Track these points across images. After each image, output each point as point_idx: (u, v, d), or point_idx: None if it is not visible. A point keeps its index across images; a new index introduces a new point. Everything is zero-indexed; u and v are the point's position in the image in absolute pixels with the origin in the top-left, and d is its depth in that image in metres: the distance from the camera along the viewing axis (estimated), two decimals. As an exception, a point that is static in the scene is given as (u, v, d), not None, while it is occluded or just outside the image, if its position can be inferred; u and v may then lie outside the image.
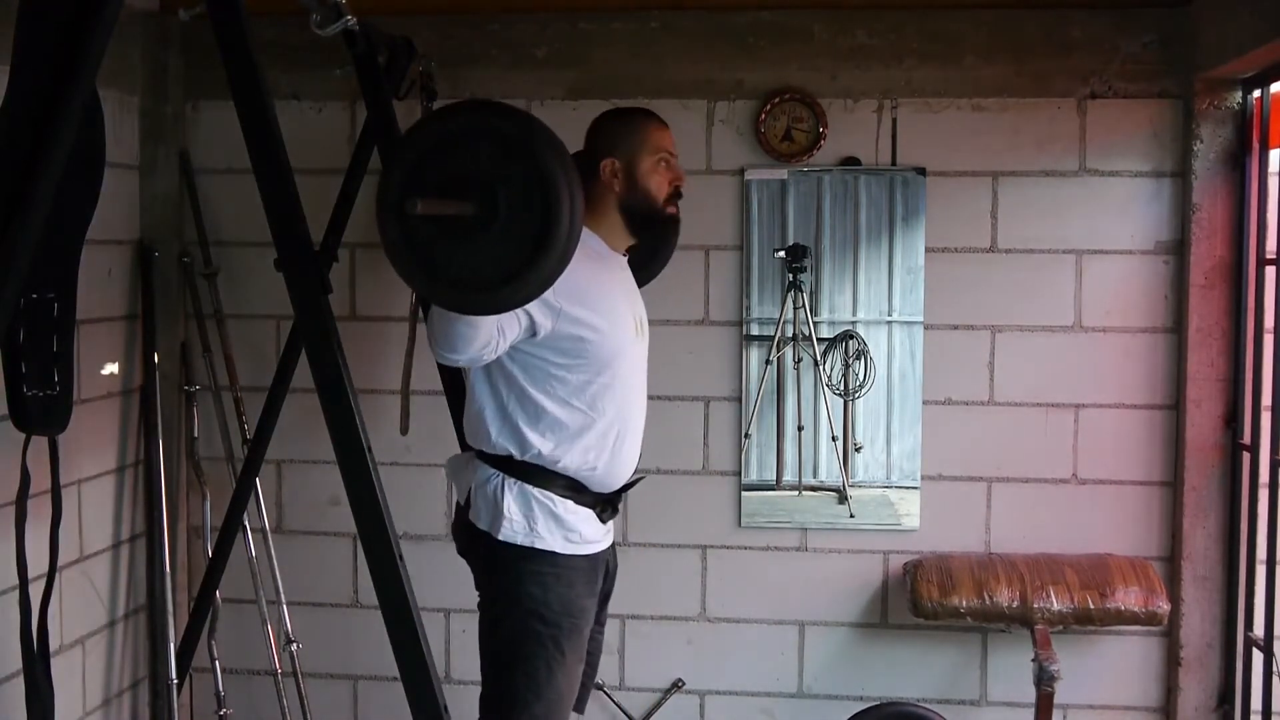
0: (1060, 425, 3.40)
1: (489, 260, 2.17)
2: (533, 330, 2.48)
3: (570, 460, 2.57)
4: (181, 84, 3.54)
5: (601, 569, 2.72)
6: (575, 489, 2.59)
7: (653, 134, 2.68)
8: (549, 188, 2.15)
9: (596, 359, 2.55)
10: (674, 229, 2.87)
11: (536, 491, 2.56)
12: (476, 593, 2.66)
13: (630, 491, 3.30)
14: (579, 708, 2.83)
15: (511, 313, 2.39)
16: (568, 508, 2.58)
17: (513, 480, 2.56)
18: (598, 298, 2.53)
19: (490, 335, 2.42)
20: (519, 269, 2.17)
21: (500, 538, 2.54)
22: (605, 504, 2.66)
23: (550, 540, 2.55)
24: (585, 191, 2.29)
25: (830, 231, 3.43)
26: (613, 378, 2.59)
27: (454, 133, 2.21)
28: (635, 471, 2.75)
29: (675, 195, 2.70)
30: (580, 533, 2.60)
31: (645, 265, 2.92)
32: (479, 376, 2.60)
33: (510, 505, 2.54)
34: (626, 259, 2.75)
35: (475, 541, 2.61)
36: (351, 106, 3.51)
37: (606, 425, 2.59)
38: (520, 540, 2.54)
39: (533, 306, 2.39)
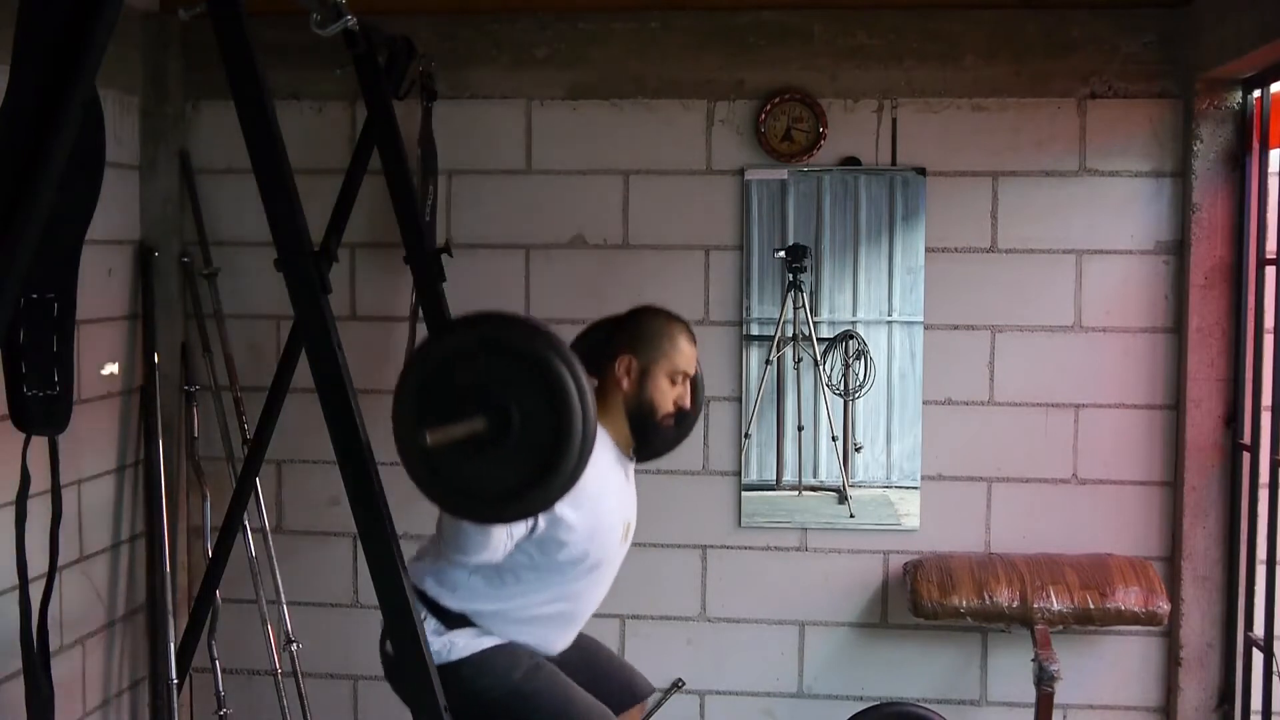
0: (1060, 425, 3.40)
1: (505, 473, 2.11)
2: (532, 529, 2.49)
3: (514, 632, 2.58)
4: (181, 84, 3.54)
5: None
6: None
7: (680, 349, 2.64)
8: (561, 399, 2.08)
9: (577, 561, 2.56)
10: (671, 439, 2.81)
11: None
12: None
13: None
14: (638, 692, 2.85)
15: None
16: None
17: (429, 612, 2.56)
18: (594, 503, 2.51)
19: (504, 541, 2.44)
20: (535, 480, 2.11)
21: None
22: None
23: (472, 645, 2.57)
24: (605, 386, 2.31)
25: (830, 231, 3.43)
26: (587, 578, 2.61)
27: (461, 349, 2.16)
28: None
29: (674, 414, 2.66)
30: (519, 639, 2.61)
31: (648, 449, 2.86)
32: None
33: (429, 635, 2.47)
34: (633, 461, 2.73)
35: (403, 678, 2.60)
36: (351, 106, 3.51)
37: (563, 612, 2.62)
38: (444, 658, 2.53)
39: None
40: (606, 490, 2.57)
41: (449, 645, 2.55)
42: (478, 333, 2.17)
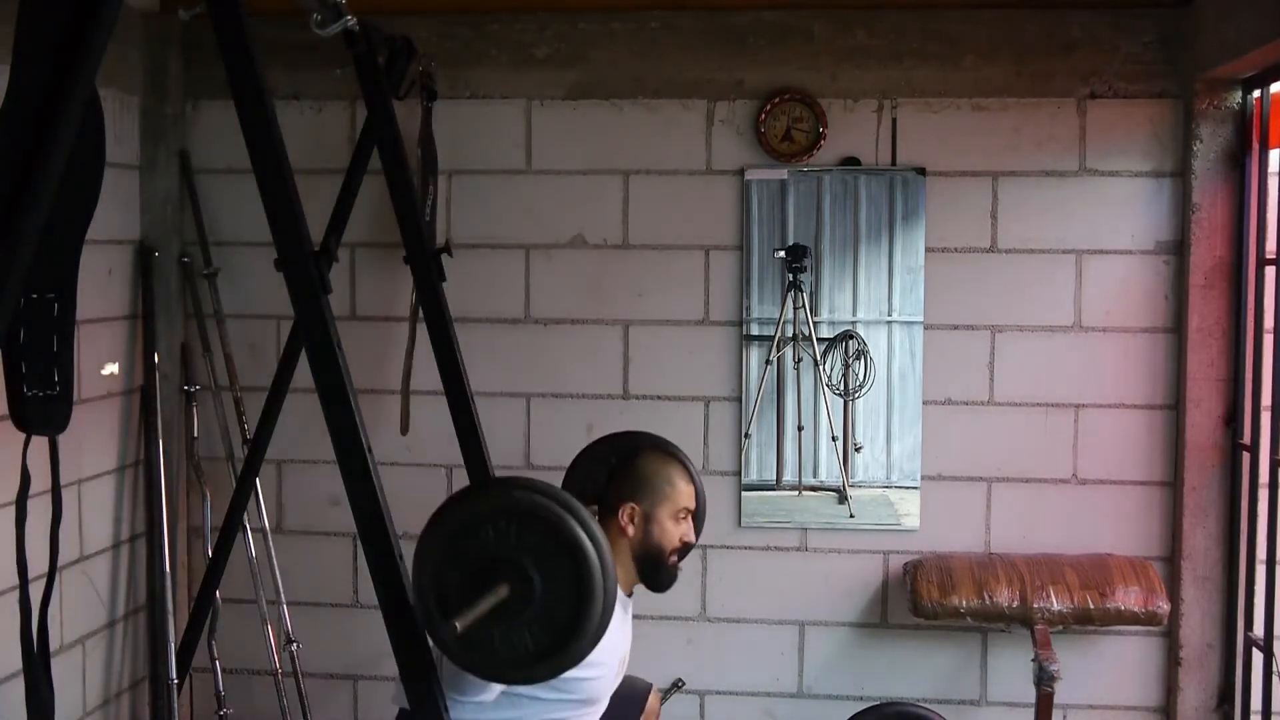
0: (1060, 425, 3.40)
1: (521, 639, 2.08)
2: None
3: None
4: (181, 84, 3.54)
5: None
6: None
7: (680, 490, 2.67)
8: (580, 559, 2.06)
9: (573, 697, 2.57)
10: (675, 575, 2.80)
11: None
12: None
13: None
14: (638, 696, 2.89)
15: None
16: None
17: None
18: (597, 649, 2.50)
19: (498, 691, 2.46)
20: (558, 644, 2.09)
21: None
22: None
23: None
24: (610, 536, 2.30)
25: (830, 231, 3.43)
26: (579, 709, 2.62)
27: (473, 519, 2.12)
28: None
29: (683, 551, 2.69)
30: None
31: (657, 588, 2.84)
32: None
33: None
34: (631, 599, 2.75)
35: None
36: (351, 106, 3.51)
37: None
38: None
39: None
40: (607, 633, 2.57)
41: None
42: (495, 499, 2.15)
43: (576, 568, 2.05)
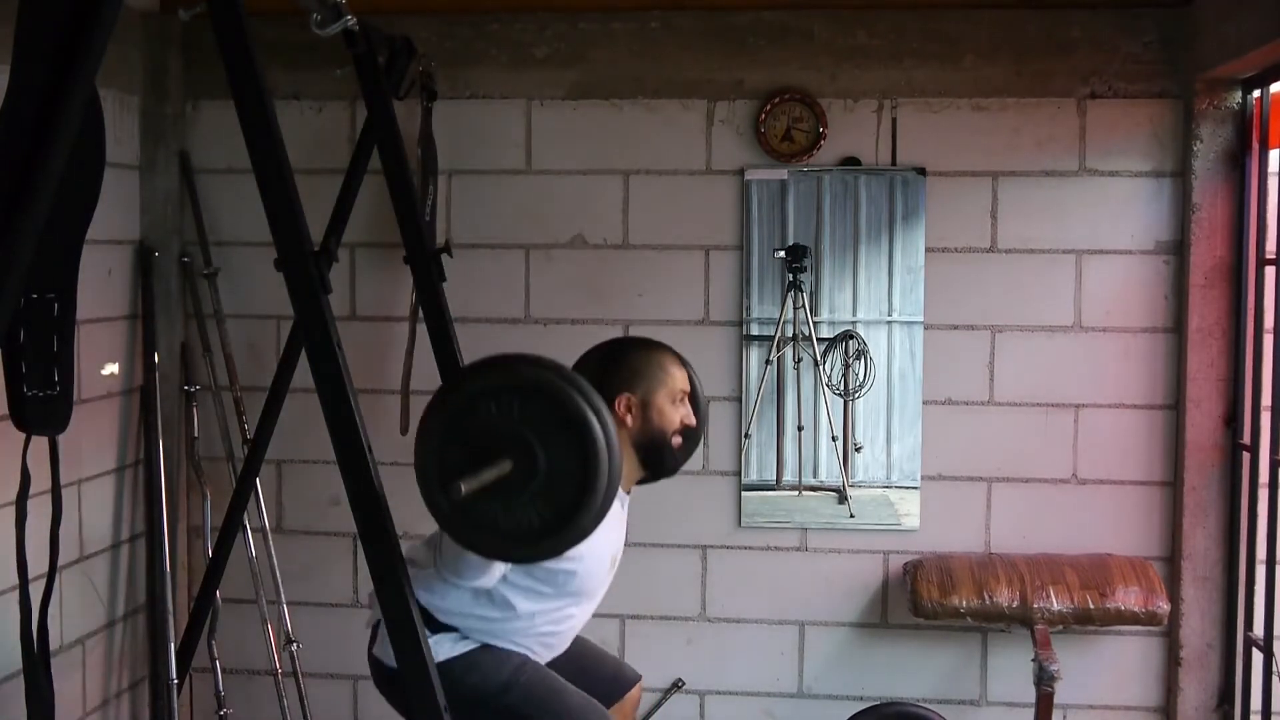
0: (1060, 425, 3.40)
1: (529, 514, 2.09)
2: None
3: (497, 631, 2.60)
4: (181, 84, 3.54)
5: None
6: None
7: (672, 372, 2.67)
8: (589, 441, 2.07)
9: (564, 590, 2.59)
10: (683, 458, 2.81)
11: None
12: None
13: (631, 491, 3.30)
14: (626, 681, 2.89)
15: None
16: None
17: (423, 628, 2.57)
18: (589, 539, 2.50)
19: (499, 569, 2.48)
20: (560, 522, 2.10)
21: None
22: None
23: (461, 646, 2.59)
24: None
25: (830, 231, 3.43)
26: (571, 605, 2.64)
27: (480, 393, 2.13)
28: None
29: (681, 432, 2.68)
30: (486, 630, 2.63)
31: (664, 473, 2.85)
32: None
33: None
34: (629, 495, 2.75)
35: (392, 681, 2.61)
36: (351, 106, 3.51)
37: (543, 634, 2.64)
38: (438, 658, 2.52)
39: None
40: (602, 525, 2.57)
41: (435, 646, 2.55)
42: (512, 374, 2.15)
43: (581, 442, 2.06)
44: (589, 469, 2.06)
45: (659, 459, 2.68)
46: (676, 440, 2.67)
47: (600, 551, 2.61)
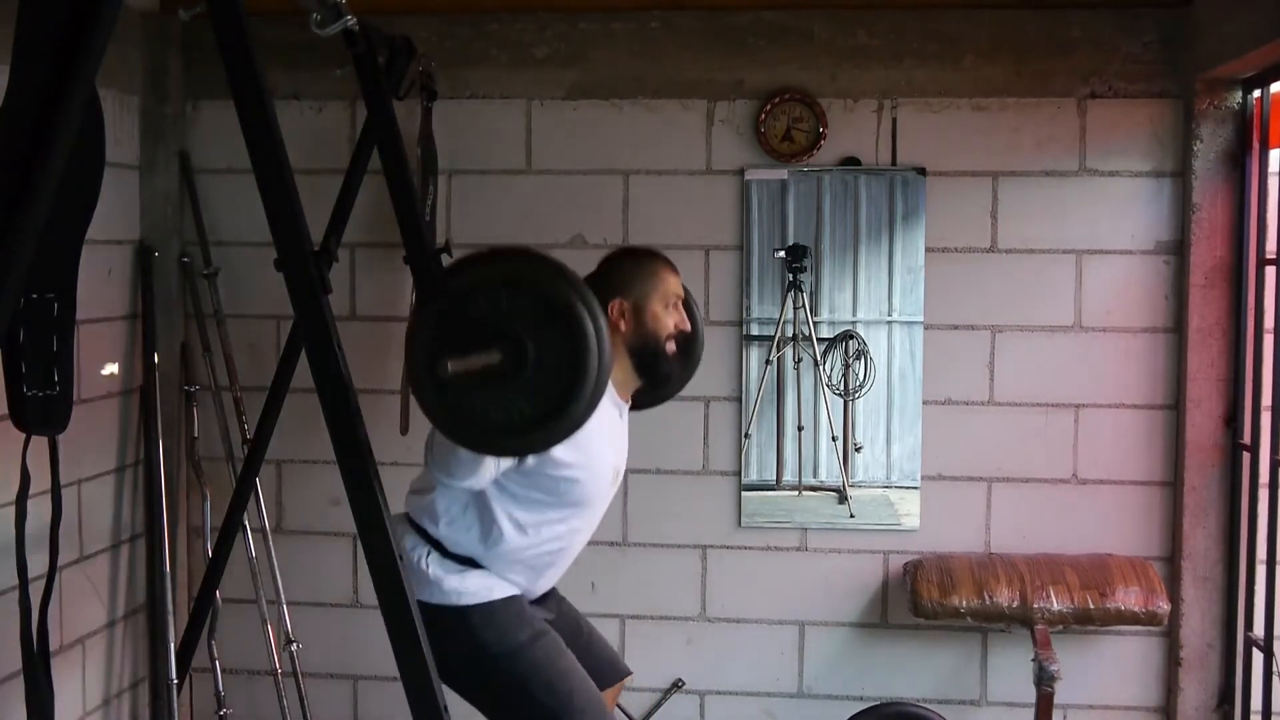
0: (1060, 425, 3.40)
1: (515, 407, 2.13)
2: (520, 463, 2.52)
3: (497, 569, 2.61)
4: (181, 84, 3.54)
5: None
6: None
7: (664, 277, 2.68)
8: (579, 337, 2.11)
9: (566, 502, 2.60)
10: (678, 364, 2.80)
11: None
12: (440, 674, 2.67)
13: (630, 491, 3.31)
14: (617, 672, 2.89)
15: None
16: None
17: (438, 553, 2.60)
18: (586, 446, 2.52)
19: (493, 472, 2.48)
20: (547, 416, 2.13)
21: (435, 603, 2.56)
22: None
23: (482, 592, 2.59)
24: None
25: (830, 231, 3.43)
26: (574, 519, 2.64)
27: (474, 284, 2.18)
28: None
29: (677, 336, 2.69)
30: (508, 579, 2.64)
31: (657, 390, 2.86)
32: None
33: (436, 572, 2.58)
34: (628, 404, 2.75)
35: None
36: (351, 106, 3.51)
37: (545, 553, 2.64)
38: (454, 601, 2.57)
39: None
40: (599, 432, 2.58)
41: (459, 590, 2.58)
42: (499, 268, 2.19)
43: (569, 331, 2.09)
44: (578, 358, 2.09)
45: (653, 365, 2.68)
46: (671, 347, 2.67)
47: (601, 460, 2.61)
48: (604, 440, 2.62)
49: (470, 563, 2.62)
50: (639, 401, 2.82)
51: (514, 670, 2.57)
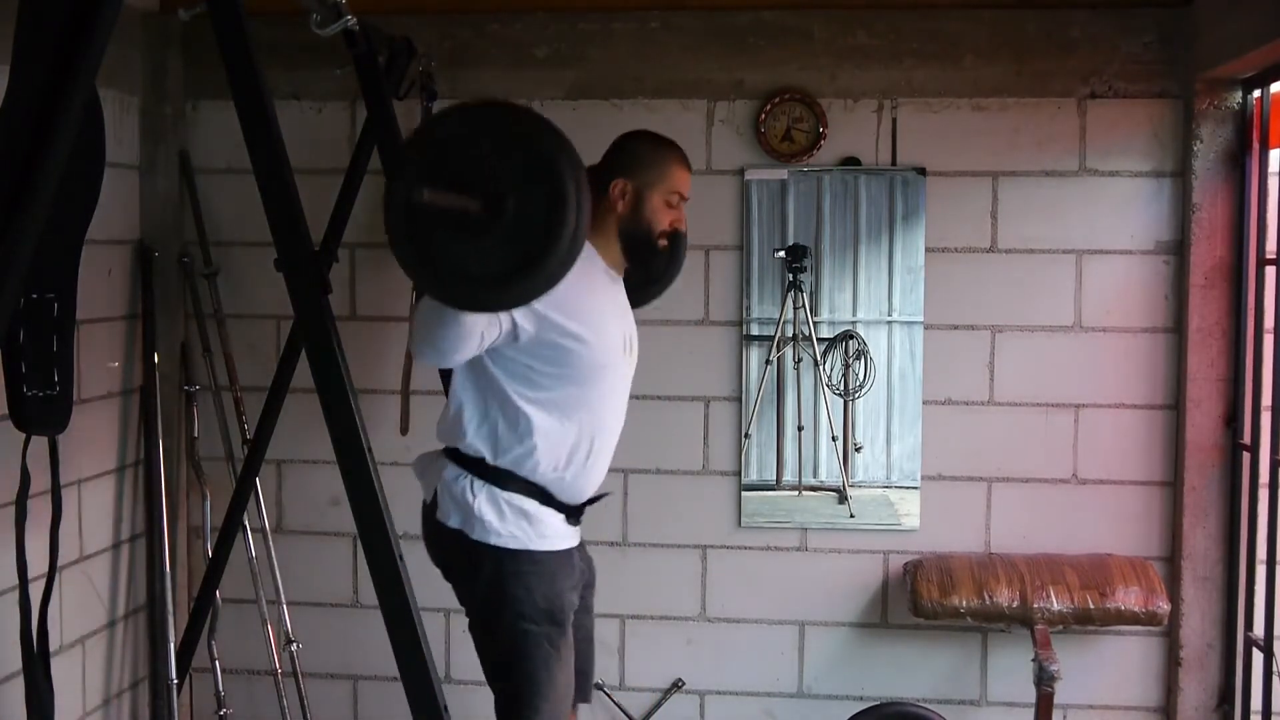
0: (1060, 425, 3.40)
1: (492, 258, 2.17)
2: (515, 335, 2.48)
3: (542, 468, 2.57)
4: (181, 84, 3.54)
5: (578, 560, 2.72)
6: (542, 496, 2.60)
7: (674, 171, 2.67)
8: (557, 192, 2.15)
9: (580, 370, 2.55)
10: (665, 262, 2.85)
11: (504, 494, 2.57)
12: (461, 603, 2.67)
13: (630, 491, 3.31)
14: (584, 696, 2.83)
15: (494, 317, 2.41)
16: (536, 506, 2.59)
17: (481, 482, 2.57)
18: (586, 310, 2.53)
19: (476, 339, 2.44)
20: (520, 268, 2.17)
21: (474, 538, 2.55)
22: (570, 513, 2.67)
23: (525, 539, 2.56)
24: (597, 206, 2.30)
25: (830, 231, 3.43)
26: (595, 391, 2.60)
27: (466, 132, 2.21)
28: (601, 487, 2.75)
29: (670, 234, 2.69)
30: (553, 527, 2.61)
31: (642, 288, 2.92)
32: (463, 377, 2.60)
33: (482, 506, 2.55)
34: (623, 279, 2.75)
35: (447, 544, 2.61)
36: (351, 106, 3.51)
37: (581, 437, 2.60)
38: (494, 541, 2.55)
39: (516, 310, 2.41)
40: (598, 298, 2.59)
41: (501, 531, 2.55)
42: (488, 119, 2.23)
43: (549, 189, 2.14)
44: (555, 215, 2.13)
45: (642, 256, 2.67)
46: (663, 243, 2.66)
47: (603, 323, 2.58)
48: (602, 304, 2.60)
49: (517, 490, 2.56)
50: (634, 297, 2.82)
51: (512, 638, 2.54)
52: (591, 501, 2.72)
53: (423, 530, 2.70)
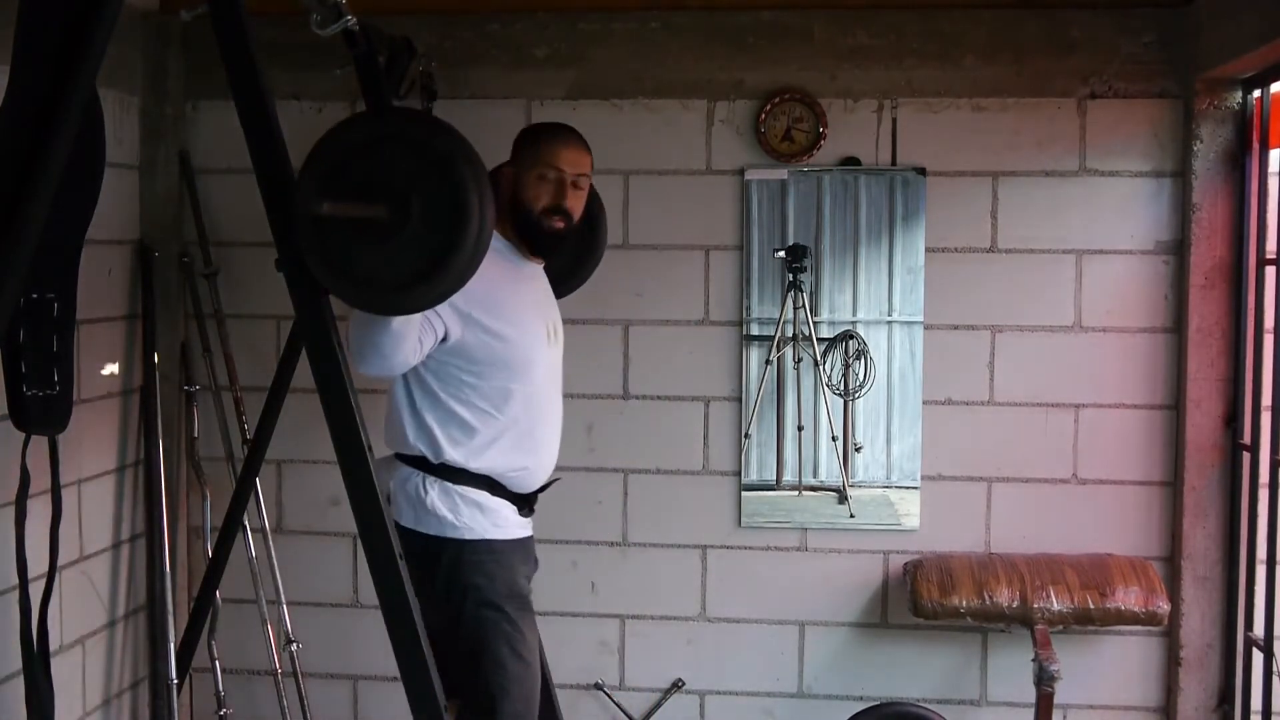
0: (1060, 425, 3.40)
1: (403, 260, 2.18)
2: (444, 337, 2.55)
3: (486, 464, 2.63)
4: (181, 84, 3.54)
5: (529, 551, 2.79)
6: (492, 487, 2.66)
7: (545, 148, 2.72)
8: (459, 193, 2.18)
9: (506, 366, 2.62)
10: (577, 243, 2.93)
11: (457, 488, 2.62)
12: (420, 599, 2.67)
13: (630, 492, 3.31)
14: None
15: (428, 321, 2.47)
16: (487, 498, 2.64)
17: (433, 479, 2.62)
18: (507, 306, 2.61)
19: (413, 344, 2.47)
20: (431, 268, 2.19)
21: (431, 533, 2.60)
22: (522, 502, 2.72)
23: (480, 529, 2.62)
24: (497, 199, 2.35)
25: (830, 231, 3.43)
26: (524, 384, 2.66)
27: (367, 140, 2.23)
28: (552, 474, 2.81)
29: (554, 210, 2.70)
30: (505, 517, 2.66)
31: (565, 279, 3.00)
32: (397, 382, 2.66)
33: (435, 501, 2.60)
34: (542, 267, 2.82)
35: (405, 542, 2.62)
36: (351, 106, 3.51)
37: (520, 429, 2.66)
38: (451, 533, 2.60)
39: (444, 312, 2.48)
40: (520, 293, 2.68)
41: (456, 523, 2.61)
42: (388, 125, 2.27)
43: (449, 184, 2.17)
44: (457, 207, 2.16)
45: (535, 236, 2.72)
46: (548, 218, 2.69)
47: (527, 321, 2.67)
48: (523, 299, 2.69)
49: (467, 483, 2.62)
50: (558, 289, 2.92)
51: (475, 625, 2.58)
52: (543, 489, 2.78)
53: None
